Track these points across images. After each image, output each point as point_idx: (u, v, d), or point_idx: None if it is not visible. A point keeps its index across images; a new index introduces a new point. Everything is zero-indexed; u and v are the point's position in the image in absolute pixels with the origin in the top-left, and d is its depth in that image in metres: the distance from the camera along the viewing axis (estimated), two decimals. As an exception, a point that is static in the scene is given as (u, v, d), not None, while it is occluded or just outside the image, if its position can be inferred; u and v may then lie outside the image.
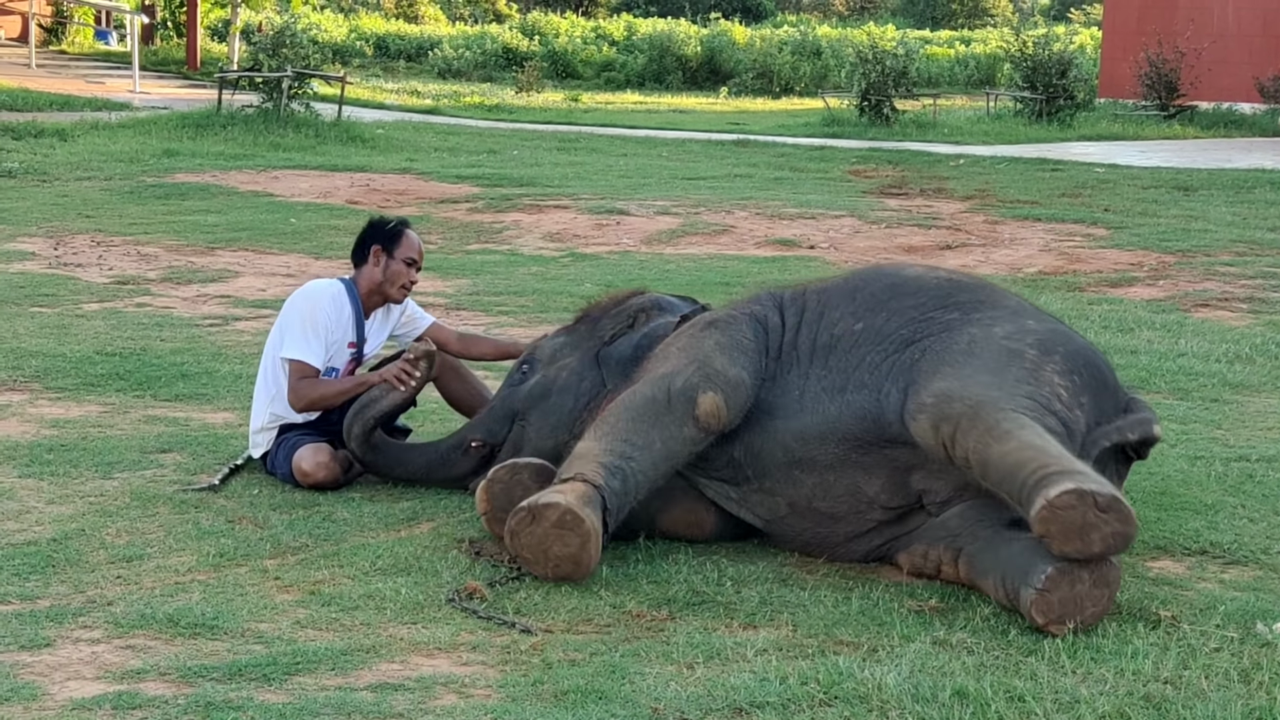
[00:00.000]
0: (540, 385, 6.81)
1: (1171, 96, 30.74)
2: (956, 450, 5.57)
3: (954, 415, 5.58)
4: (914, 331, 6.07)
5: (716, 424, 6.02)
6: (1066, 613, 5.22)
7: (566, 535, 5.62)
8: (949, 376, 5.76)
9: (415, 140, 24.01)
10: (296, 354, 7.03)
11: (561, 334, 7.06)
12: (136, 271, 12.62)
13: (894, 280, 6.39)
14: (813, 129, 28.58)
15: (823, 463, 5.99)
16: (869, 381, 5.99)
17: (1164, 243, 15.13)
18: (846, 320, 6.23)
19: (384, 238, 7.29)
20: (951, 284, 6.35)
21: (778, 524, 6.17)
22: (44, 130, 21.57)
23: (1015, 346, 5.88)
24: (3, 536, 6.05)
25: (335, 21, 52.51)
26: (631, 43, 51.70)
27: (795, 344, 6.27)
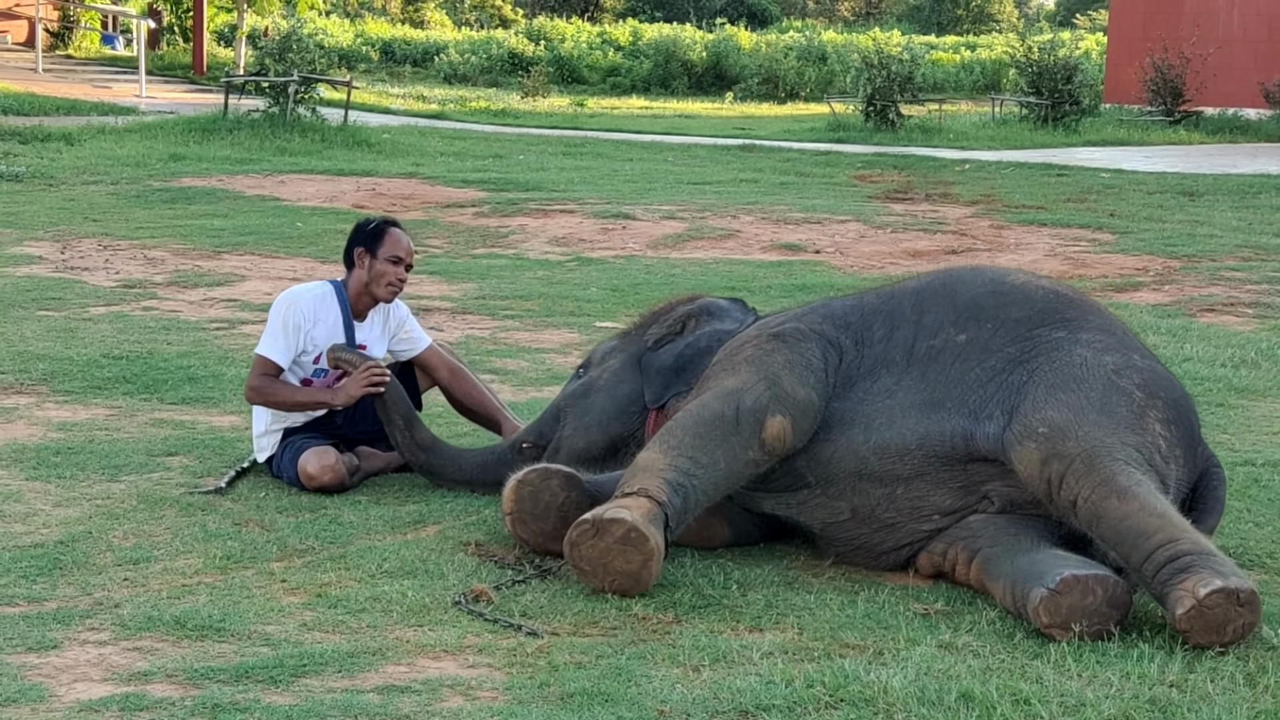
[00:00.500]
0: (583, 386, 6.84)
1: (1177, 102, 30.73)
2: (1063, 491, 5.53)
3: (1067, 455, 5.53)
4: (1022, 350, 5.94)
5: (781, 448, 5.93)
6: (1072, 619, 5.21)
7: (630, 552, 5.53)
8: (1061, 407, 5.67)
9: (421, 145, 24.02)
10: (262, 350, 7.10)
11: (617, 338, 7.06)
12: (143, 275, 12.64)
13: (998, 288, 6.22)
14: (818, 134, 28.57)
15: (896, 476, 5.92)
16: (970, 401, 5.88)
17: (1169, 248, 15.13)
18: (948, 330, 6.09)
19: (366, 239, 7.24)
20: (1057, 297, 6.20)
21: (835, 528, 6.09)
22: (50, 135, 21.59)
23: (1124, 385, 5.79)
24: (10, 539, 6.06)
25: (341, 26, 52.55)
26: (637, 48, 51.71)
27: (887, 354, 6.12)
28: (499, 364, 9.58)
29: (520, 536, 6.04)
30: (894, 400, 5.98)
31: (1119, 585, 5.28)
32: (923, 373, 6.01)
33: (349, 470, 6.95)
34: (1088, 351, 5.88)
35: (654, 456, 5.85)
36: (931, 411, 5.90)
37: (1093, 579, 5.24)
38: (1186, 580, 5.16)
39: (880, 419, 5.95)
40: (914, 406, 5.93)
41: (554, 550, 5.96)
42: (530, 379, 9.26)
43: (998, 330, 6.02)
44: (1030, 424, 5.66)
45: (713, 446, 5.86)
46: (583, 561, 5.58)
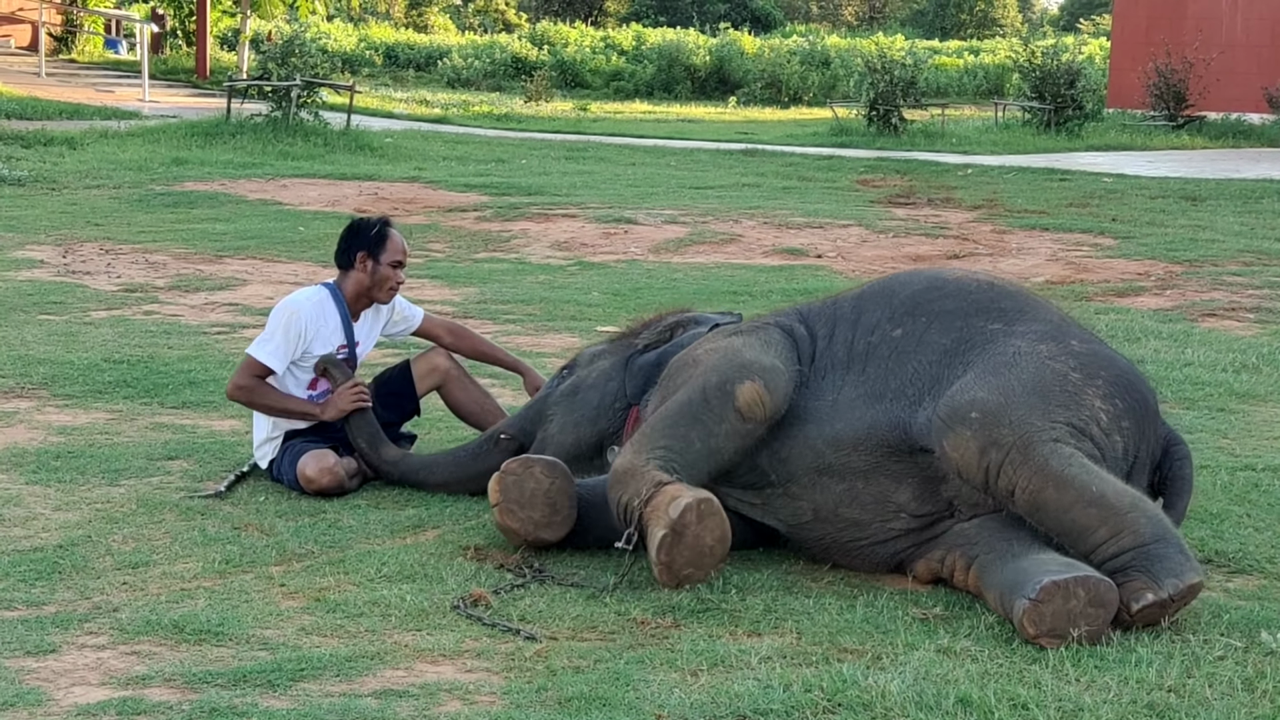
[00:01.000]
0: (571, 385, 6.91)
1: (1180, 107, 30.74)
2: (1000, 481, 5.56)
3: (1004, 443, 5.54)
4: (956, 340, 5.99)
5: (761, 411, 5.98)
6: (1058, 626, 5.20)
7: (710, 521, 5.69)
8: (990, 389, 5.68)
9: (424, 149, 24.03)
10: (257, 353, 7.10)
11: (605, 343, 7.16)
12: (145, 279, 12.65)
13: (933, 282, 6.32)
14: (821, 138, 28.58)
15: (853, 469, 5.94)
16: (908, 391, 5.93)
17: (1171, 252, 15.13)
18: (884, 326, 6.16)
19: (369, 243, 7.26)
20: (994, 289, 6.26)
21: (801, 529, 6.11)
22: (53, 139, 21.60)
23: (1058, 367, 5.80)
24: (9, 543, 6.07)
25: (345, 31, 52.59)
26: (640, 52, 51.77)
27: (830, 351, 6.21)
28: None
29: (509, 526, 6.05)
30: (841, 395, 6.05)
31: (1102, 583, 5.26)
32: (863, 368, 6.09)
33: (348, 473, 6.96)
34: (1022, 341, 5.91)
35: (629, 460, 5.93)
36: (875, 402, 5.97)
37: (1073, 582, 5.23)
38: (1123, 589, 5.29)
39: (828, 412, 6.02)
40: (859, 399, 6.00)
41: (544, 539, 6.05)
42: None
43: (931, 323, 6.09)
44: (959, 407, 5.66)
45: (684, 429, 5.97)
46: (684, 567, 5.70)
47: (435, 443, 7.74)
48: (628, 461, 5.94)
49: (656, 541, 5.64)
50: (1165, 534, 5.43)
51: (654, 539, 5.66)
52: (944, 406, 5.71)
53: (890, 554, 6.01)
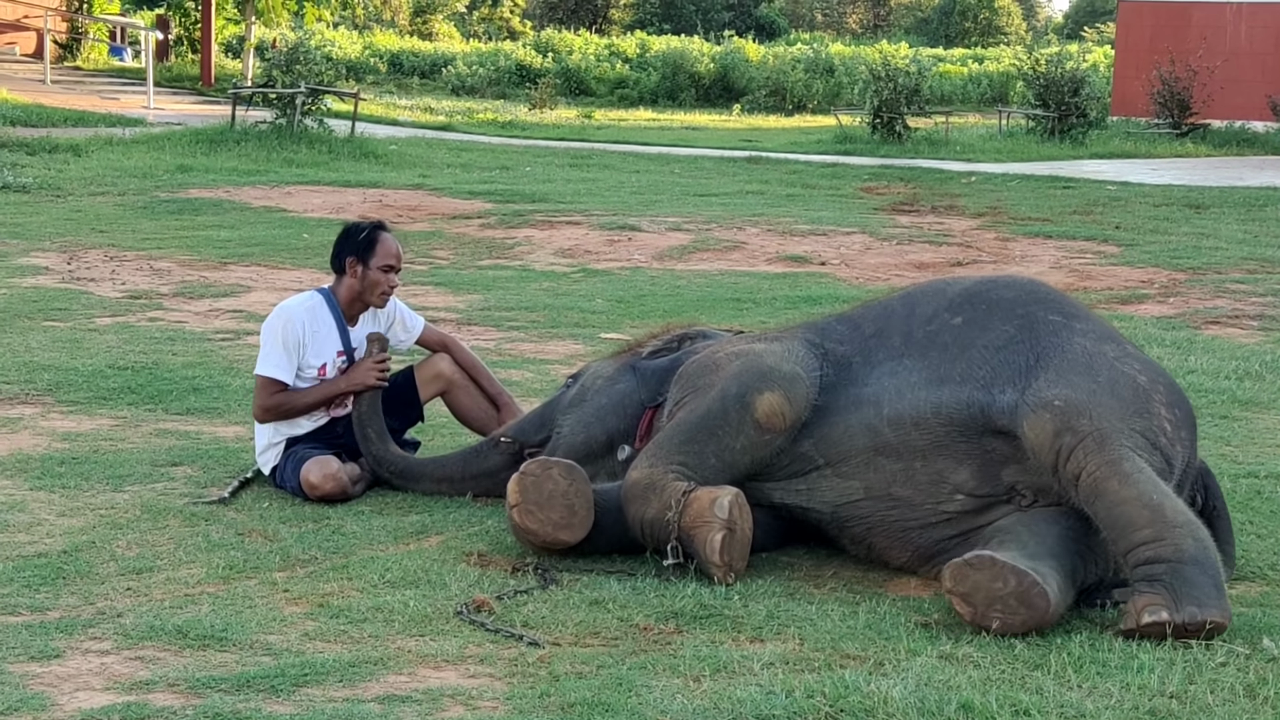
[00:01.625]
0: (577, 393, 6.94)
1: (1184, 115, 30.76)
2: (1069, 464, 5.60)
3: (1080, 430, 5.61)
4: (1018, 328, 6.03)
5: (782, 423, 6.03)
6: (974, 597, 5.31)
7: (745, 512, 5.91)
8: (1074, 387, 5.75)
9: (428, 156, 24.06)
10: (265, 370, 7.11)
11: (610, 356, 7.21)
12: (149, 286, 12.66)
13: (984, 278, 6.46)
14: (825, 146, 28.61)
15: (913, 448, 5.96)
16: (977, 374, 5.95)
17: (1175, 260, 15.14)
18: (942, 315, 6.19)
19: (357, 247, 7.26)
20: (1043, 286, 6.39)
21: (848, 508, 6.10)
22: (58, 146, 21.63)
23: (1127, 370, 5.89)
24: (14, 548, 6.08)
25: (350, 38, 52.63)
26: (645, 60, 51.79)
27: (883, 342, 6.22)
28: (504, 375, 9.55)
29: (528, 527, 6.04)
30: (900, 379, 6.06)
31: (1037, 590, 5.29)
32: (924, 353, 6.10)
33: (351, 479, 6.96)
34: (1086, 340, 5.98)
35: (646, 474, 6.02)
36: (941, 385, 5.98)
37: (1010, 570, 5.30)
38: (1141, 598, 5.30)
39: (890, 394, 6.03)
40: (922, 383, 6.01)
41: (562, 540, 6.04)
42: (535, 390, 9.26)
43: (992, 310, 6.13)
44: (1045, 396, 5.73)
45: (700, 444, 6.04)
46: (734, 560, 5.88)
47: (439, 449, 7.75)
48: (645, 475, 5.98)
49: (717, 544, 5.79)
50: (1205, 560, 5.41)
51: (711, 543, 5.80)
52: (1032, 396, 5.77)
53: (934, 540, 6.01)
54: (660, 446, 6.11)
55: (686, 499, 5.87)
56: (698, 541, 5.84)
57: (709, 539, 5.80)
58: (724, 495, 5.84)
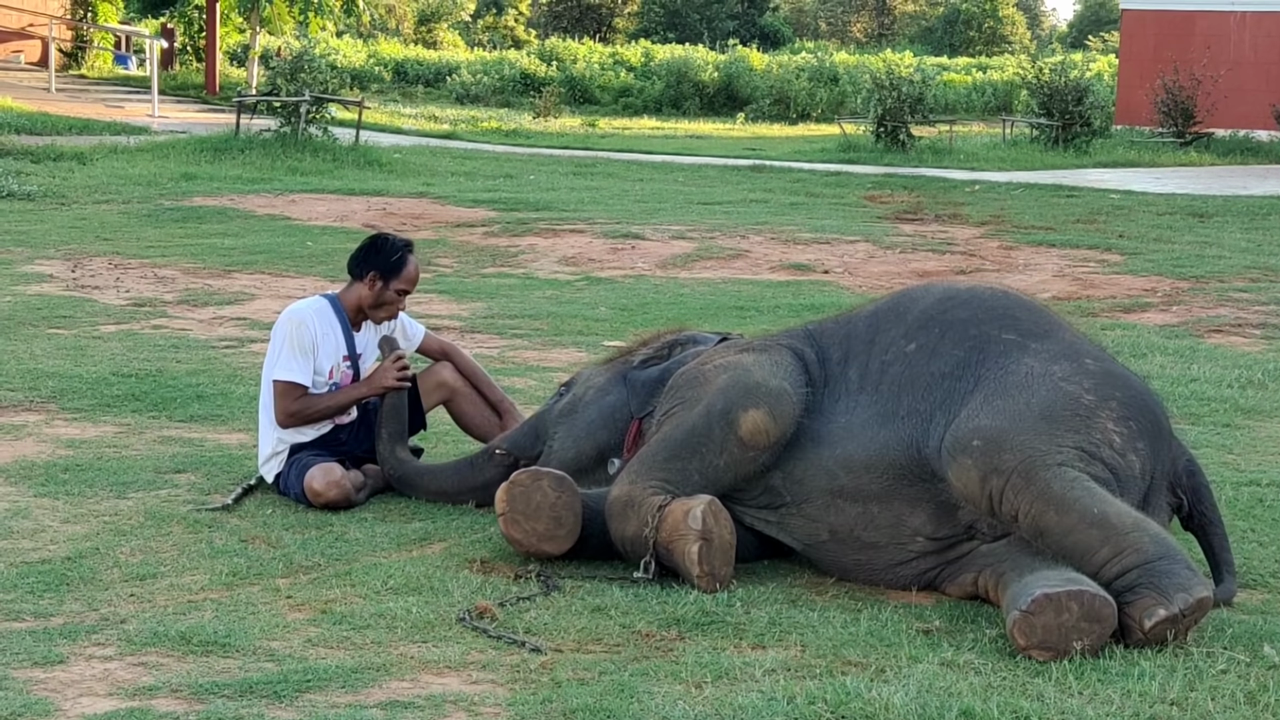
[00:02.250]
0: (569, 403, 6.90)
1: (1188, 124, 30.79)
2: (1004, 507, 5.56)
3: (1005, 468, 5.53)
4: (969, 350, 5.93)
5: (766, 440, 5.99)
6: (1050, 640, 5.19)
7: (721, 518, 5.85)
8: (996, 414, 5.66)
9: (432, 165, 24.09)
10: (284, 375, 7.09)
11: (602, 363, 7.16)
12: (153, 294, 12.68)
13: (947, 293, 6.26)
14: (829, 154, 28.63)
15: (867, 493, 5.91)
16: (920, 408, 5.88)
17: (1178, 269, 15.15)
18: (899, 343, 6.10)
19: (386, 266, 7.23)
20: (1009, 299, 6.22)
21: (817, 549, 6.09)
22: (63, 154, 21.67)
23: (1071, 389, 5.75)
24: (18, 555, 6.10)
25: (354, 47, 52.72)
26: (649, 69, 51.88)
27: (844, 375, 6.16)
28: (507, 383, 9.57)
29: (513, 536, 6.09)
30: (854, 416, 6.02)
31: (1098, 598, 5.25)
32: (876, 386, 6.05)
33: (355, 486, 6.97)
34: (1035, 361, 5.85)
35: (626, 491, 6.03)
36: (888, 422, 5.93)
37: (1066, 595, 5.22)
38: (1133, 607, 5.29)
39: (842, 433, 5.99)
40: (873, 419, 5.97)
41: (546, 551, 6.08)
42: (538, 398, 9.26)
43: (945, 333, 6.03)
44: (962, 436, 5.66)
45: (683, 461, 6.03)
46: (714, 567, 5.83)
47: (441, 457, 7.76)
48: (625, 492, 5.99)
49: (695, 554, 5.77)
50: (1169, 551, 5.42)
51: (689, 555, 5.78)
52: (950, 436, 5.70)
53: (913, 574, 5.98)
54: (642, 462, 6.12)
55: (661, 514, 5.86)
56: (677, 555, 5.85)
57: (686, 551, 5.80)
58: (697, 505, 5.81)
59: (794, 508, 6.08)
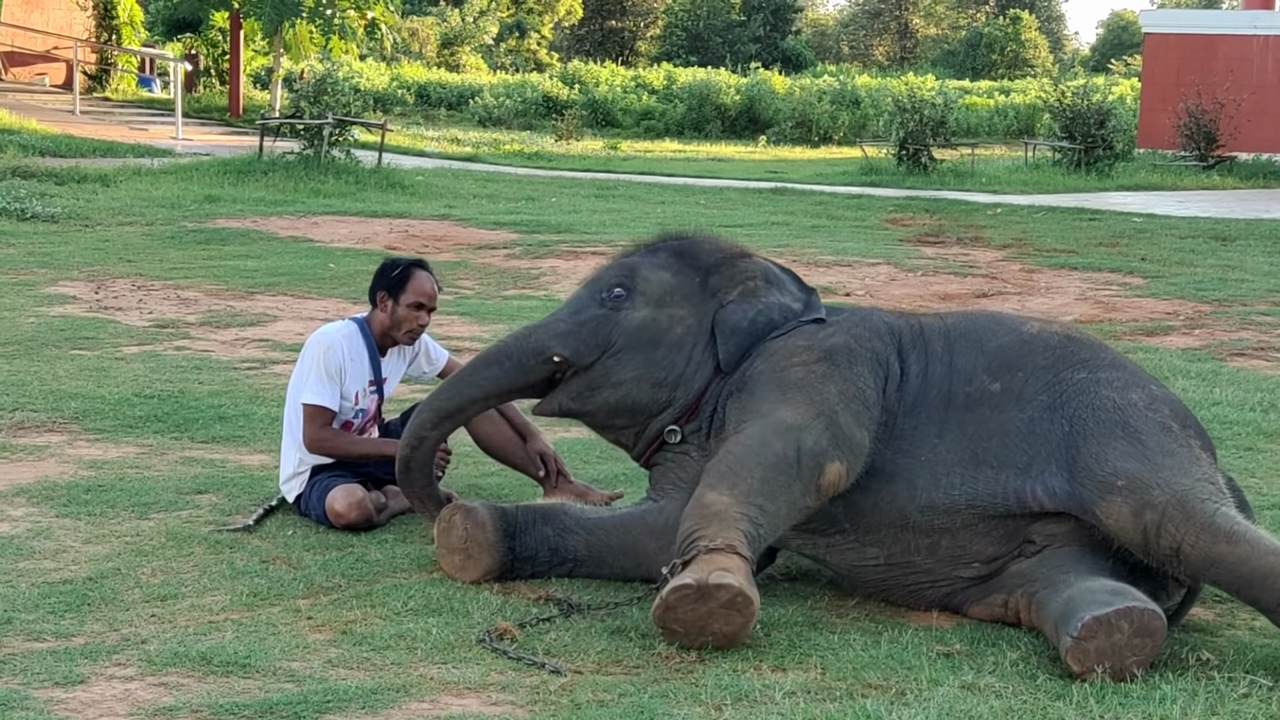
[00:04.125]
0: (647, 328, 6.27)
1: (1210, 147, 30.75)
2: (1163, 541, 5.54)
3: (1158, 503, 5.55)
4: (1052, 397, 5.92)
5: (835, 492, 5.85)
6: (1104, 660, 5.21)
7: (732, 615, 5.41)
8: (1124, 456, 5.69)
9: (454, 187, 24.13)
10: (312, 399, 7.09)
11: (664, 268, 6.41)
12: (176, 315, 12.71)
13: (1019, 335, 6.15)
14: (850, 177, 28.64)
15: (941, 528, 5.87)
16: (1013, 457, 5.84)
17: (1200, 292, 15.12)
18: (981, 377, 6.02)
19: (389, 284, 7.23)
20: (1069, 340, 6.19)
21: (864, 570, 6.03)
22: (86, 176, 21.74)
23: (1161, 419, 5.84)
24: (39, 575, 6.11)
25: (377, 70, 52.87)
26: (671, 92, 51.97)
27: (924, 392, 6.04)
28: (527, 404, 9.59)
29: (443, 566, 6.24)
30: (937, 455, 5.90)
31: (1146, 613, 5.27)
32: (961, 423, 5.95)
33: (376, 508, 6.98)
34: (1112, 392, 5.91)
35: (725, 501, 5.64)
36: (977, 469, 5.86)
37: (1115, 615, 5.24)
38: None
39: (924, 476, 5.88)
40: (958, 463, 5.88)
41: (463, 579, 6.15)
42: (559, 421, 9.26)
43: (1029, 379, 6.00)
44: (1102, 478, 5.67)
45: (778, 493, 5.72)
46: (677, 624, 5.43)
47: (460, 477, 7.78)
48: (723, 503, 5.65)
49: (679, 584, 5.41)
50: None
51: (679, 579, 5.44)
52: (1088, 479, 5.69)
53: (948, 593, 5.98)
54: (744, 479, 5.72)
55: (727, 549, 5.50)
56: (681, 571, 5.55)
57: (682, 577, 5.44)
58: (734, 580, 5.39)
59: (851, 536, 5.98)
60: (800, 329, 6.24)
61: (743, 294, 6.34)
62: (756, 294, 6.35)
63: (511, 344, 6.45)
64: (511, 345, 6.44)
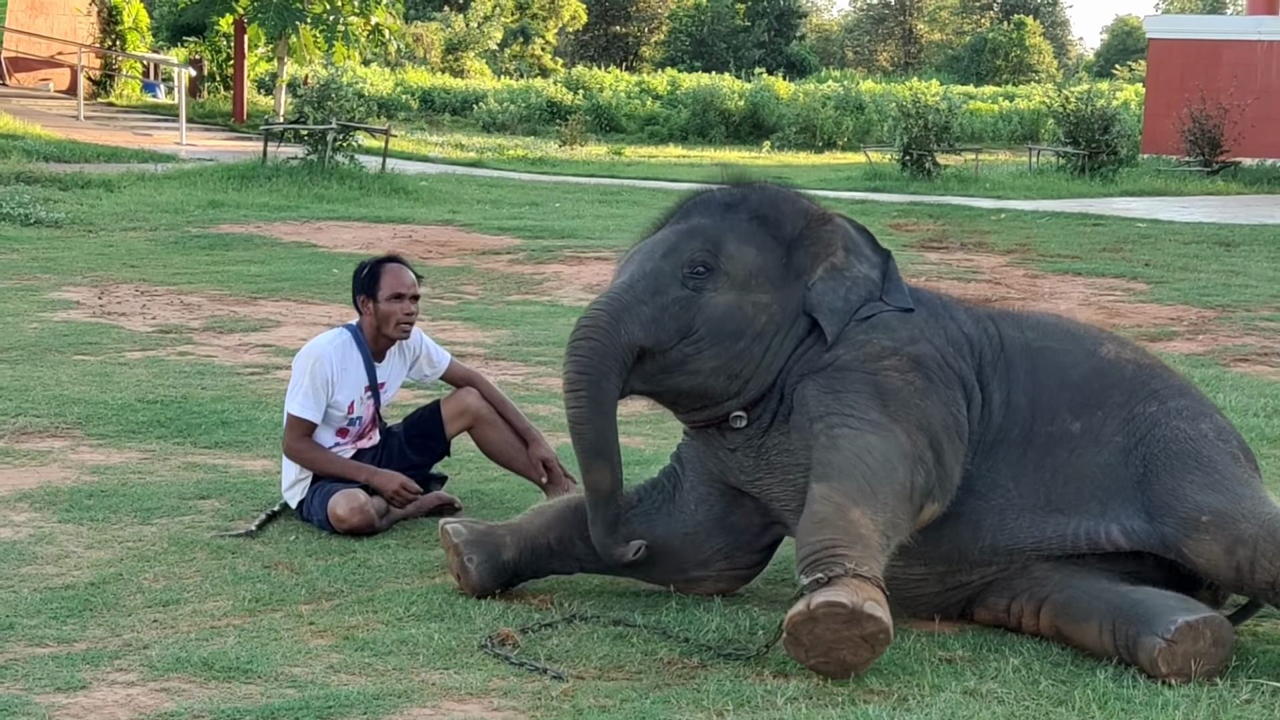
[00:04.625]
0: (732, 317, 5.79)
1: (1214, 152, 30.72)
2: (1257, 575, 5.48)
3: (1248, 537, 5.47)
4: (1128, 438, 5.77)
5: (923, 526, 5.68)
6: (1185, 666, 5.24)
7: (864, 649, 5.19)
8: (1205, 490, 5.60)
9: (458, 192, 24.15)
10: (295, 410, 7.12)
11: (748, 242, 5.89)
12: (179, 320, 12.72)
13: (1097, 365, 5.92)
14: (854, 183, 28.62)
15: (998, 565, 5.78)
16: (1088, 503, 5.70)
17: (1204, 297, 15.12)
18: (1064, 415, 5.81)
19: (363, 285, 7.23)
20: (1139, 369, 5.97)
21: (897, 580, 5.74)
22: (90, 181, 21.76)
23: (1231, 450, 5.78)
24: (42, 580, 6.11)
25: (382, 75, 52.90)
26: (675, 97, 52.00)
27: (1006, 436, 5.79)
28: (531, 410, 9.57)
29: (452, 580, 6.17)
30: (1008, 500, 5.74)
31: (1223, 624, 5.36)
32: (1039, 467, 5.76)
33: (378, 513, 6.98)
34: (1183, 423, 5.80)
35: (869, 525, 5.35)
36: (1048, 515, 5.71)
37: (1201, 623, 5.30)
38: None
39: (992, 519, 5.73)
40: (1030, 508, 5.73)
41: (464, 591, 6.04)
42: (562, 425, 9.23)
43: (1107, 418, 5.82)
44: (1185, 515, 5.58)
45: (901, 526, 5.50)
46: (810, 638, 5.17)
47: (465, 483, 7.78)
48: (868, 527, 5.35)
49: (833, 600, 5.10)
50: None
51: (834, 596, 5.11)
52: (1169, 517, 5.60)
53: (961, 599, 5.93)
54: (881, 500, 5.43)
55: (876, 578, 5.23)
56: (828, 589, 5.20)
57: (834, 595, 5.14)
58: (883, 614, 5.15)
59: (900, 560, 5.69)
60: (882, 320, 5.83)
61: (828, 270, 5.88)
62: (842, 269, 5.90)
63: (607, 344, 5.68)
64: (608, 345, 5.68)
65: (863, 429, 5.57)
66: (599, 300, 5.83)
